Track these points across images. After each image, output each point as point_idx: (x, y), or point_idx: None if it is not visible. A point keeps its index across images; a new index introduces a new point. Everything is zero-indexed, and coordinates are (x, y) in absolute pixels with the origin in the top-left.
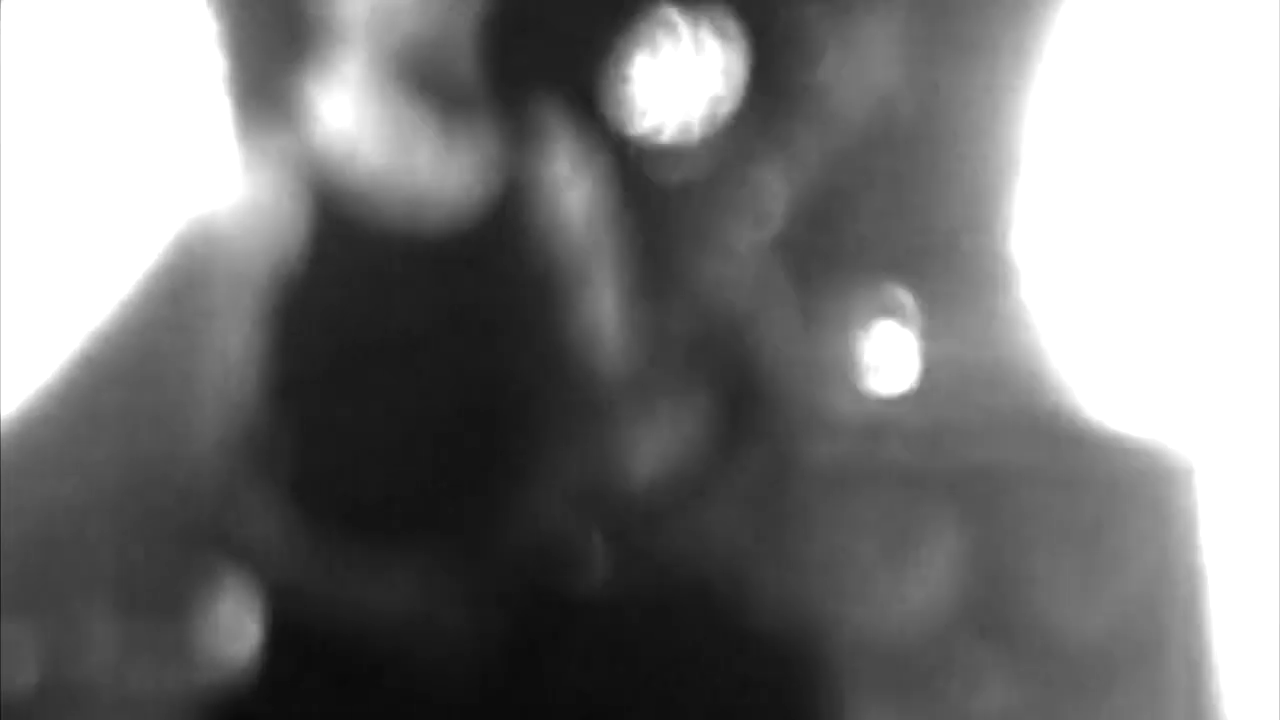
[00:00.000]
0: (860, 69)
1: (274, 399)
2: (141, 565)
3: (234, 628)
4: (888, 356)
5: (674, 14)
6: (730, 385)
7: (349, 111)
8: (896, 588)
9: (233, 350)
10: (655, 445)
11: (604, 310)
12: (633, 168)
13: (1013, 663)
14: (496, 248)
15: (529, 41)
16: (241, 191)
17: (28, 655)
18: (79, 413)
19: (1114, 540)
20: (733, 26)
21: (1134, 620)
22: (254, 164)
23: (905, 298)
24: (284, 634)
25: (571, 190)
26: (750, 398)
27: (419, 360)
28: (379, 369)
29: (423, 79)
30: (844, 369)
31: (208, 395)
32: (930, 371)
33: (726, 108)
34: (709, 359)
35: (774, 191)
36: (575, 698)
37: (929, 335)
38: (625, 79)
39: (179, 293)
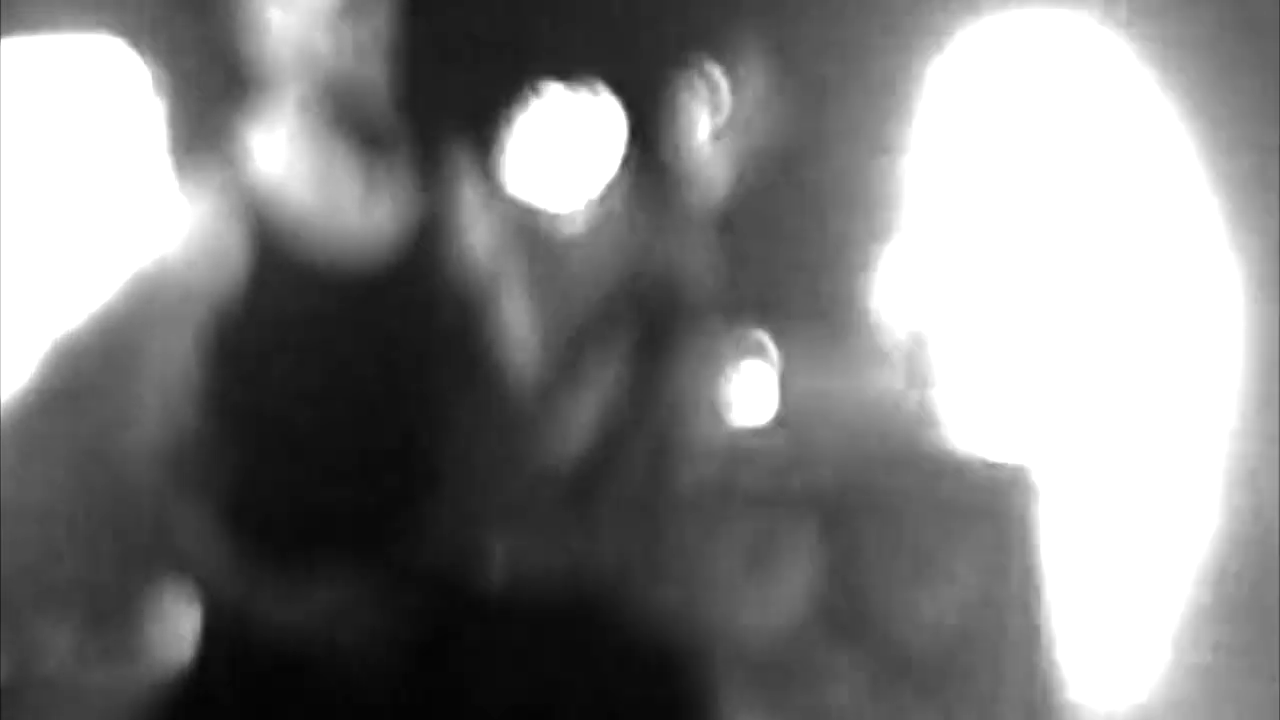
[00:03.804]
0: (732, 130)
1: (211, 422)
2: (90, 576)
3: (172, 633)
4: (749, 392)
5: (557, 89)
6: (611, 413)
7: (281, 151)
8: (759, 598)
9: (173, 377)
10: (551, 462)
11: (513, 331)
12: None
13: (864, 664)
14: (414, 277)
15: (433, 92)
16: (182, 227)
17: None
18: (29, 436)
19: (953, 552)
20: (610, 101)
21: (973, 625)
22: (194, 200)
23: (765, 340)
24: (217, 638)
25: (478, 225)
26: (628, 426)
27: (345, 384)
28: (308, 393)
29: (345, 120)
30: (710, 403)
31: (149, 419)
32: (788, 404)
33: (605, 172)
34: (594, 390)
35: (649, 243)
36: (474, 697)
37: (788, 371)
38: (513, 146)
39: (124, 321)
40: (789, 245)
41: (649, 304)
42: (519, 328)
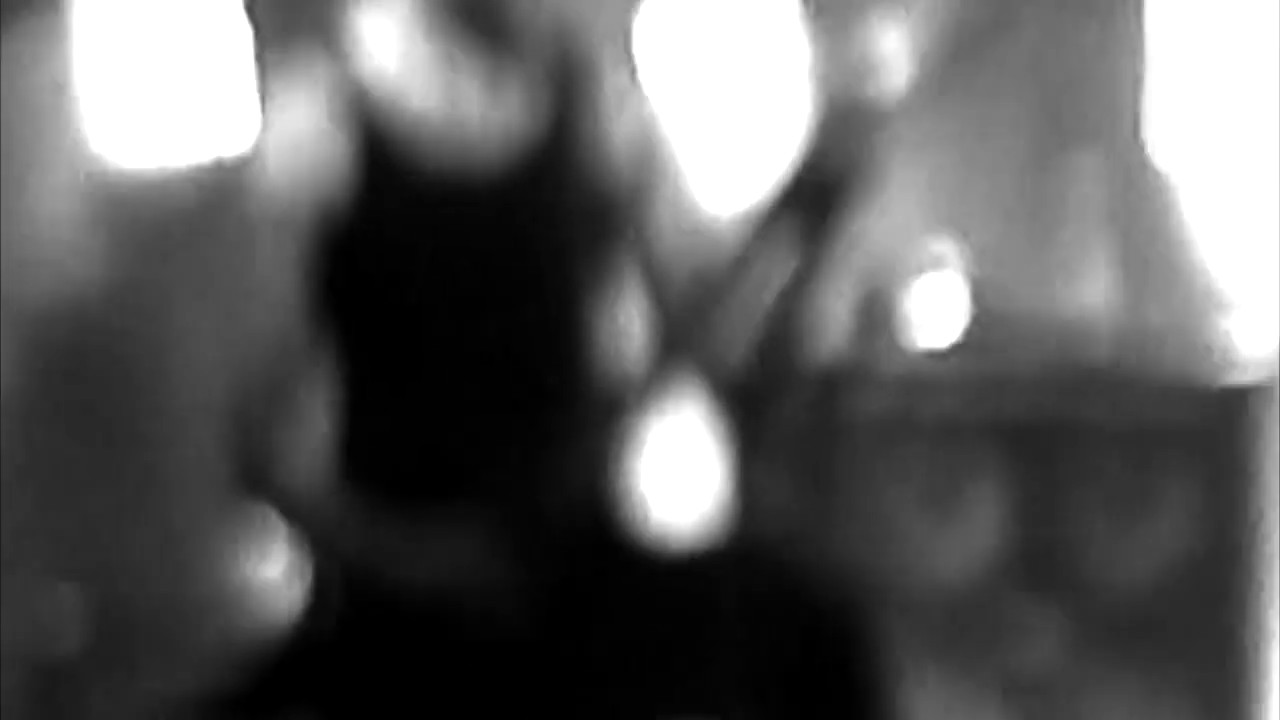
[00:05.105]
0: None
1: (318, 353)
2: (184, 515)
3: (279, 586)
4: (932, 309)
5: None
6: (767, 337)
7: (394, 39)
8: (942, 544)
9: (274, 301)
10: (704, 390)
11: (659, 247)
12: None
13: (1062, 618)
14: (546, 185)
15: None
16: (278, 128)
17: (77, 612)
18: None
19: (1166, 490)
20: None
21: (1189, 574)
22: (293, 98)
23: (951, 248)
24: (328, 593)
25: (620, 125)
26: (787, 349)
27: (469, 307)
28: (427, 316)
29: (472, 10)
30: (886, 322)
31: (250, 348)
32: (976, 324)
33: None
34: (744, 312)
35: (822, 137)
36: (619, 653)
37: (975, 286)
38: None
39: (215, 238)
40: (982, 141)
41: (819, 207)
42: (666, 244)
